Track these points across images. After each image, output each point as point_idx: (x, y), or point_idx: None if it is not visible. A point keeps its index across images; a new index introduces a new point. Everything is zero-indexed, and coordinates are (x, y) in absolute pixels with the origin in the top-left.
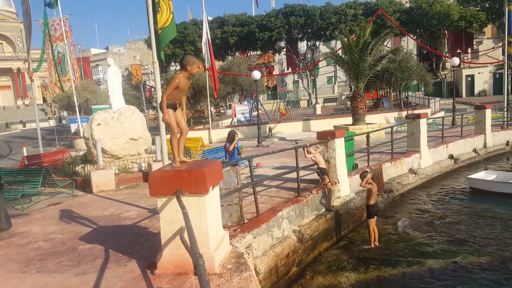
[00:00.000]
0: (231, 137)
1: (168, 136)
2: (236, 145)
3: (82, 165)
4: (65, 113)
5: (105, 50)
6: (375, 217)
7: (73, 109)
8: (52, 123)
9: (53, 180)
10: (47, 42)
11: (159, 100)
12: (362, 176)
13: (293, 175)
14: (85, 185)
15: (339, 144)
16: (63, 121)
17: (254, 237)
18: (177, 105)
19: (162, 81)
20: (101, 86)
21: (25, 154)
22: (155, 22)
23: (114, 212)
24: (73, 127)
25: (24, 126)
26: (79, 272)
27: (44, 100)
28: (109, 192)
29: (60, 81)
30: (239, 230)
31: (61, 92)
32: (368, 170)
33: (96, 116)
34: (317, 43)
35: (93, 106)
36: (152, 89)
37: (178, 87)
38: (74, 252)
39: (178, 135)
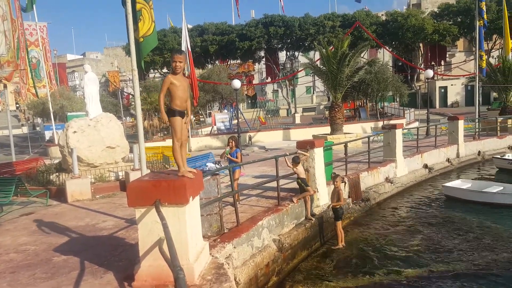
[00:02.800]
0: None
1: (147, 144)
2: (235, 151)
3: (57, 173)
4: (39, 120)
5: (82, 56)
6: (341, 219)
7: (48, 115)
8: (25, 130)
9: (26, 189)
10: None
11: (137, 107)
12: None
13: (273, 184)
14: (59, 194)
15: (318, 153)
16: (37, 128)
17: (234, 247)
18: (185, 112)
19: (141, 89)
20: (78, 92)
21: None
22: (136, 30)
23: (90, 222)
24: (48, 135)
25: None
26: (54, 285)
27: (18, 106)
28: (84, 201)
29: (35, 86)
30: (219, 240)
31: (35, 98)
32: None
33: (72, 124)
34: (296, 53)
35: (69, 113)
36: (130, 96)
37: (172, 83)
38: (48, 264)
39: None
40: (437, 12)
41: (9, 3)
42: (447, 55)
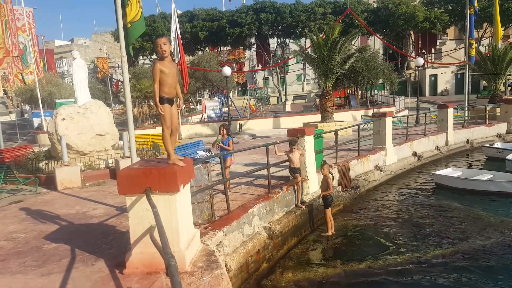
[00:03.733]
0: None
1: (137, 132)
2: (226, 139)
3: (46, 161)
4: (27, 107)
5: (70, 42)
6: (330, 207)
7: (36, 102)
8: (13, 117)
9: (15, 177)
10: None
11: (127, 94)
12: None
13: (264, 172)
14: (49, 182)
15: (309, 141)
16: (25, 115)
17: (225, 235)
18: (174, 100)
19: (130, 75)
20: (66, 79)
21: None
22: (124, 15)
23: (80, 210)
24: (36, 122)
25: None
26: (44, 273)
27: (5, 92)
28: (74, 189)
29: (22, 73)
30: (210, 227)
31: (22, 84)
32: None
33: (60, 111)
34: (287, 40)
35: (58, 100)
36: (119, 83)
37: (162, 71)
38: (38, 252)
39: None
40: None
41: None
42: (438, 43)
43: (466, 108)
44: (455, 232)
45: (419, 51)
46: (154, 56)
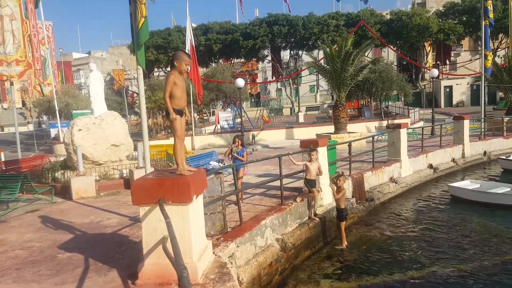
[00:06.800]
0: None
1: (151, 142)
2: (241, 150)
3: (62, 171)
4: (44, 118)
5: (87, 55)
6: (345, 220)
7: (53, 113)
8: (31, 127)
9: (32, 186)
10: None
11: (142, 105)
12: (337, 178)
13: (277, 183)
14: (64, 191)
15: (322, 152)
16: (43, 126)
17: (237, 246)
18: (183, 111)
19: (146, 87)
20: (83, 91)
21: (3, 159)
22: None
23: (94, 219)
24: (53, 132)
25: (2, 130)
26: (58, 282)
27: (24, 104)
28: (89, 199)
29: (40, 84)
30: (222, 239)
31: (40, 96)
32: (342, 174)
33: (77, 121)
34: (300, 52)
35: (74, 111)
36: (135, 94)
37: (175, 83)
38: (52, 261)
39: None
40: (442, 11)
41: (19, 4)
42: (452, 54)
43: (482, 120)
44: (472, 247)
45: (434, 62)
46: (169, 69)
